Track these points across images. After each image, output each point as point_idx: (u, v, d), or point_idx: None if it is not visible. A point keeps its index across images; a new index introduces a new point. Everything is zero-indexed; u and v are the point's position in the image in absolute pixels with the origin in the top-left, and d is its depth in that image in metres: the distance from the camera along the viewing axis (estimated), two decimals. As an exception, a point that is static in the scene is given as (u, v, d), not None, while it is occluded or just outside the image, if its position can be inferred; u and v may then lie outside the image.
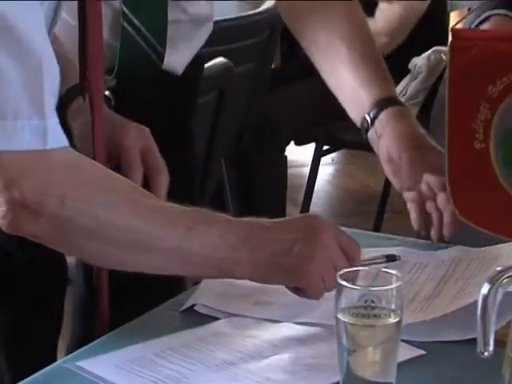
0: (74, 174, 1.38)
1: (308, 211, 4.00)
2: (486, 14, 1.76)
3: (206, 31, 2.09)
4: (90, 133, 1.63)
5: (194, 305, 1.58)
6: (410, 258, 1.71)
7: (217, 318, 1.54)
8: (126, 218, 1.40)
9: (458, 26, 1.71)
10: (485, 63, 1.55)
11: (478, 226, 1.62)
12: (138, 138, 1.71)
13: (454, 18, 3.81)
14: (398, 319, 1.24)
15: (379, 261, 1.58)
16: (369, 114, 1.82)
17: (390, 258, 1.60)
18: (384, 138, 1.80)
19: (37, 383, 1.42)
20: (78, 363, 1.42)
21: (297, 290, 1.47)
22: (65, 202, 1.34)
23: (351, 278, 1.31)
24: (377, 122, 1.81)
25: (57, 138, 1.34)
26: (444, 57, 3.38)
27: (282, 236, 1.45)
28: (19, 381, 1.44)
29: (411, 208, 1.77)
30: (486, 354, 1.15)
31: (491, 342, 1.16)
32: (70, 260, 1.98)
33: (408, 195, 1.78)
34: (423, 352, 1.44)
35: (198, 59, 2.12)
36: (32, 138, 1.31)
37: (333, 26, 1.91)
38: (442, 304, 1.54)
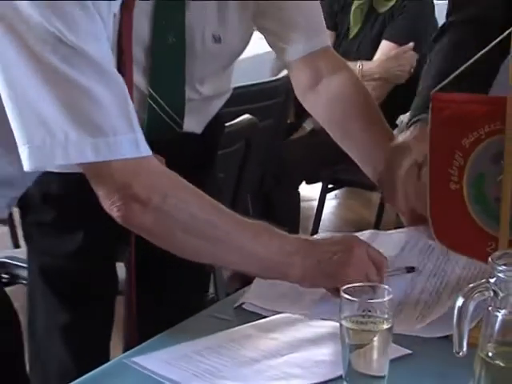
0: (168, 177, 1.43)
1: (316, 237, 3.99)
2: (414, 119, 1.77)
3: (222, 101, 2.07)
4: None
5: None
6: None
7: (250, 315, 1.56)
8: (212, 217, 1.44)
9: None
10: (458, 121, 1.54)
11: (454, 251, 1.62)
12: None
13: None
14: (389, 326, 1.24)
15: (400, 271, 1.60)
16: None
17: (409, 269, 1.62)
18: None
19: (101, 375, 1.42)
20: (134, 359, 1.42)
21: (337, 292, 1.46)
22: (166, 199, 1.39)
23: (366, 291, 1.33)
24: None
25: (146, 147, 1.39)
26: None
27: (326, 248, 1.50)
28: (82, 373, 1.43)
29: None
30: (460, 354, 1.15)
31: (465, 345, 1.15)
32: (121, 276, 1.99)
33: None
34: (410, 351, 1.43)
35: (218, 119, 2.10)
36: (129, 148, 1.36)
37: (343, 97, 1.91)
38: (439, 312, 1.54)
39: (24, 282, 2.29)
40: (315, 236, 1.94)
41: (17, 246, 3.38)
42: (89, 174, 1.38)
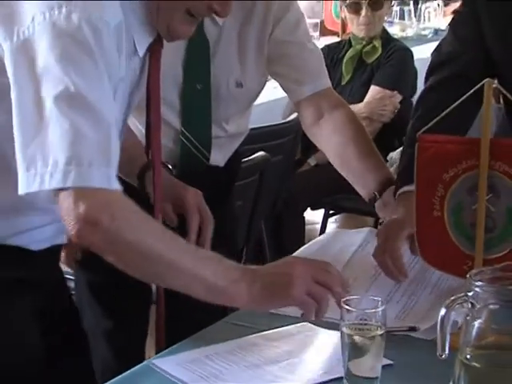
0: (119, 201, 1.32)
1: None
2: (400, 191, 1.75)
3: (242, 138, 2.09)
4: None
5: None
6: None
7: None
8: (159, 242, 1.33)
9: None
10: (440, 158, 1.54)
11: (437, 269, 1.61)
12: (195, 195, 1.71)
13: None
14: (382, 332, 1.24)
15: (402, 329, 1.52)
16: (377, 191, 1.81)
17: (411, 328, 1.52)
18: (390, 204, 1.78)
19: (131, 374, 1.41)
20: (154, 361, 1.41)
21: (302, 315, 1.42)
22: (114, 220, 1.28)
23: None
24: (385, 196, 1.80)
25: (116, 182, 1.31)
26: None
27: (267, 273, 1.38)
28: (122, 370, 1.43)
29: None
30: (443, 356, 1.15)
31: (447, 349, 1.15)
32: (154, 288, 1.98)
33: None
34: (391, 362, 1.37)
35: (237, 155, 2.11)
36: (101, 179, 1.27)
37: (342, 130, 1.92)
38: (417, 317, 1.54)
39: (72, 292, 2.29)
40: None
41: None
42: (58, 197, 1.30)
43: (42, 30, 1.26)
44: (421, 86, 3.55)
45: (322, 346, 1.46)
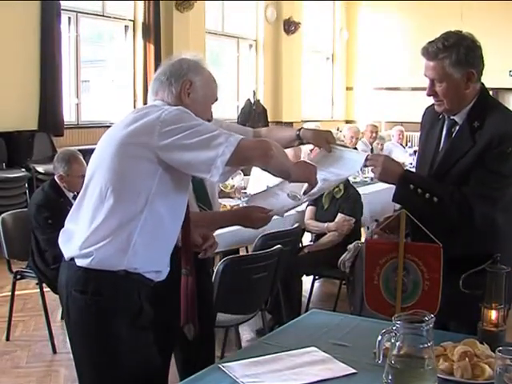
0: (268, 143, 1.44)
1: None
2: None
3: None
4: None
5: None
6: None
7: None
8: (283, 154, 1.45)
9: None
10: (377, 251, 1.57)
11: (376, 312, 1.57)
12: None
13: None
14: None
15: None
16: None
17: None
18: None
19: (205, 372, 1.33)
20: (219, 365, 1.35)
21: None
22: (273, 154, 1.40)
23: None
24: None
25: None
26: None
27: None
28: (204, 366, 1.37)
29: None
30: (379, 361, 1.15)
31: (382, 357, 1.16)
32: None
33: None
34: (355, 370, 1.29)
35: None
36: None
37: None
38: None
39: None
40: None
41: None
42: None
43: None
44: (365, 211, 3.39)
45: (322, 360, 1.38)
